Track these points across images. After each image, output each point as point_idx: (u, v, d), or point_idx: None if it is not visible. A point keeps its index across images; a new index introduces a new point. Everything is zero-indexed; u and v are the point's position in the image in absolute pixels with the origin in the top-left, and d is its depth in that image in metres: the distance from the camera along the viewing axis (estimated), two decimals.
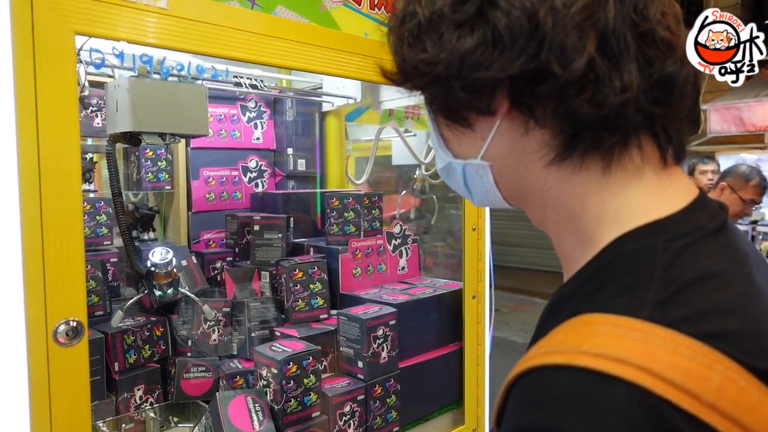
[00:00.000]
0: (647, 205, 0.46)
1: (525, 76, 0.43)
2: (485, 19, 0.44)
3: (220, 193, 1.89)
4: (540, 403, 0.38)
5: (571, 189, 0.48)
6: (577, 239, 0.50)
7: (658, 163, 0.48)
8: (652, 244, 0.43)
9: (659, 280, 0.40)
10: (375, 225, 1.64)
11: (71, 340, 0.84)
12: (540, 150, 0.48)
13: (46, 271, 0.82)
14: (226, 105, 1.89)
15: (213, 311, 1.40)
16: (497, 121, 0.48)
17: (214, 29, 1.02)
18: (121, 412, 1.31)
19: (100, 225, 1.60)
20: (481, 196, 0.56)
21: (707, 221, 0.45)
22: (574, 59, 0.42)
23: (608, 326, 0.39)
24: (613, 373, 0.36)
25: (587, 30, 0.42)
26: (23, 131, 0.79)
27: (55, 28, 0.82)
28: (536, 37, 0.42)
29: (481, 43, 0.44)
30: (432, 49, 0.47)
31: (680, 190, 0.48)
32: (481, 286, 1.60)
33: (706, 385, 0.35)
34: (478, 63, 0.44)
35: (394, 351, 1.38)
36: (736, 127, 5.06)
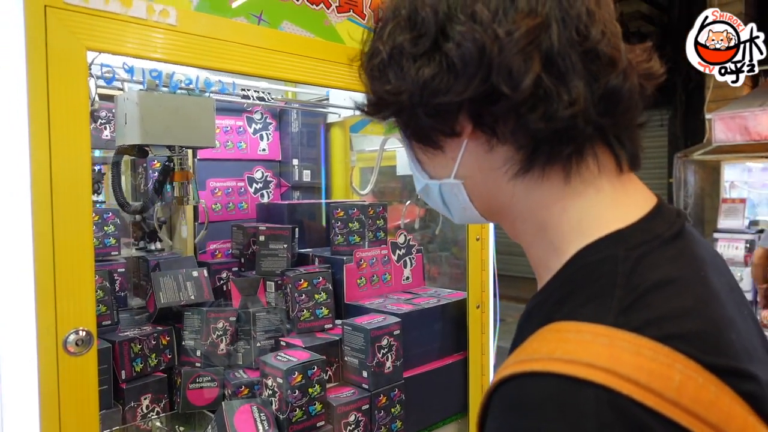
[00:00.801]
0: (607, 216, 0.49)
1: (480, 98, 0.48)
2: (440, 51, 0.48)
3: (226, 204, 1.91)
4: (520, 409, 0.40)
5: (537, 201, 0.52)
6: (545, 250, 0.53)
7: (614, 172, 0.51)
8: (613, 255, 0.46)
9: (621, 288, 0.43)
10: (379, 235, 1.65)
11: (81, 350, 0.86)
12: (504, 165, 0.51)
13: (56, 282, 0.83)
14: (232, 117, 1.92)
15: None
16: (464, 142, 0.53)
17: (222, 44, 1.04)
18: (128, 422, 1.33)
19: (108, 236, 1.62)
20: (459, 213, 0.60)
21: (665, 229, 0.48)
22: (522, 80, 0.46)
23: (577, 333, 0.42)
24: (583, 377, 0.38)
25: (531, 53, 0.46)
26: (36, 144, 0.81)
27: (67, 45, 0.84)
28: (484, 63, 0.46)
29: (438, 71, 0.48)
30: (395, 81, 0.51)
31: (638, 199, 0.51)
32: (485, 296, 1.61)
33: (668, 384, 0.38)
34: (437, 89, 0.49)
35: (398, 361, 1.38)
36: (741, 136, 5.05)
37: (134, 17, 0.93)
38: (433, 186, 0.59)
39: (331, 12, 1.23)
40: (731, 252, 4.74)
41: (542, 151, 0.49)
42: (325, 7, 1.22)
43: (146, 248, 1.83)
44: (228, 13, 1.08)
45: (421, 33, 0.49)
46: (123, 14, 0.92)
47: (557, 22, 0.47)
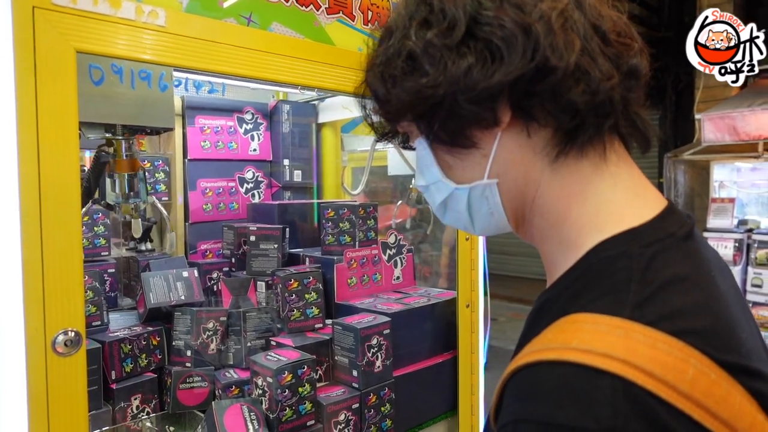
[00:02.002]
0: (622, 213, 0.51)
1: (526, 77, 0.48)
2: (476, 38, 0.49)
3: (216, 204, 1.91)
4: (534, 396, 0.41)
5: (561, 189, 0.53)
6: (560, 244, 0.54)
7: (629, 160, 0.54)
8: (629, 251, 0.47)
9: (636, 283, 0.44)
10: (370, 235, 1.66)
11: (69, 350, 0.86)
12: (543, 149, 0.52)
13: (45, 282, 0.84)
14: (223, 117, 1.92)
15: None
16: (498, 135, 0.53)
17: (212, 46, 1.05)
18: (118, 422, 1.33)
19: (98, 236, 1.62)
20: (485, 220, 0.59)
21: (677, 229, 0.50)
22: (568, 53, 0.48)
23: (593, 324, 0.43)
24: (599, 366, 0.39)
25: (569, 31, 0.49)
26: (24, 145, 0.82)
27: (55, 46, 0.84)
28: (530, 40, 0.48)
29: (480, 58, 0.49)
30: (433, 72, 0.50)
31: (650, 198, 0.53)
32: (475, 296, 1.62)
33: (682, 378, 0.39)
34: (481, 75, 0.49)
35: (388, 360, 1.39)
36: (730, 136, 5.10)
37: (123, 18, 0.94)
38: (461, 193, 0.58)
39: (321, 13, 1.24)
40: (721, 251, 4.78)
41: (587, 125, 0.50)
42: (314, 8, 1.23)
43: (136, 248, 1.83)
44: (218, 15, 1.08)
45: (451, 24, 0.50)
46: (112, 15, 0.92)
47: (578, 8, 0.50)
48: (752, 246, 4.56)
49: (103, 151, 1.30)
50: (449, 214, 0.61)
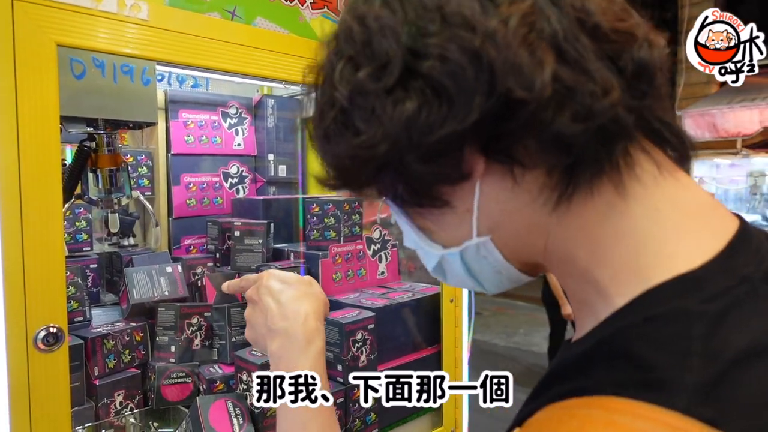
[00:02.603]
0: (671, 249, 0.37)
1: (489, 117, 0.36)
2: (417, 75, 0.37)
3: (200, 199, 1.90)
4: None
5: (578, 235, 0.41)
6: (589, 293, 0.41)
7: (671, 170, 0.41)
8: (685, 309, 0.34)
9: (697, 358, 0.31)
10: (355, 230, 1.66)
11: (51, 347, 0.85)
12: (539, 197, 0.40)
13: (26, 278, 0.83)
14: (207, 111, 1.91)
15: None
16: (476, 185, 0.41)
17: (195, 40, 1.04)
18: (102, 418, 1.32)
19: (80, 231, 1.60)
20: (494, 279, 0.47)
21: (753, 268, 0.36)
22: (537, 75, 0.35)
23: (633, 418, 0.30)
24: None
25: (536, 42, 0.36)
26: (4, 140, 0.81)
27: (35, 40, 0.84)
28: (484, 70, 0.36)
29: (423, 101, 0.37)
30: (366, 128, 0.39)
31: (714, 222, 0.40)
32: (459, 291, 1.63)
33: None
34: (428, 124, 0.37)
35: (373, 354, 1.40)
36: (709, 133, 5.20)
37: (105, 12, 0.93)
38: (451, 257, 0.46)
39: (306, 8, 1.24)
40: None
41: (588, 160, 0.38)
42: (299, 3, 1.22)
43: (119, 244, 1.81)
44: (201, 8, 1.08)
45: (384, 62, 0.38)
46: (93, 8, 0.91)
47: (550, 3, 0.37)
48: None
49: (85, 145, 1.29)
50: (451, 279, 0.50)
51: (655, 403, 0.30)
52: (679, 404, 0.30)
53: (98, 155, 1.32)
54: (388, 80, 0.38)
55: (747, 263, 0.36)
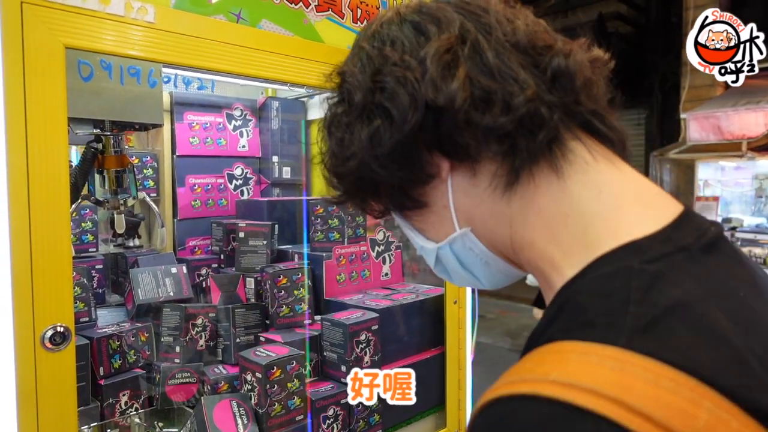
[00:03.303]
0: (616, 223, 0.44)
1: (428, 124, 0.47)
2: (372, 105, 0.50)
3: (205, 201, 1.91)
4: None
5: (534, 217, 0.48)
6: (551, 274, 0.48)
7: (608, 158, 0.49)
8: (627, 267, 0.40)
9: (636, 305, 0.37)
10: (359, 232, 1.67)
11: (58, 346, 0.86)
12: (492, 182, 0.49)
13: (34, 278, 0.84)
14: (211, 113, 1.92)
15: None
16: (448, 182, 0.51)
17: (201, 42, 1.05)
18: (107, 418, 1.33)
19: (86, 232, 1.61)
20: (485, 271, 0.55)
21: (693, 240, 0.42)
22: (448, 85, 0.46)
23: (581, 354, 0.36)
24: (583, 405, 0.32)
25: (454, 62, 0.47)
26: (13, 141, 0.82)
27: (44, 42, 0.85)
28: (410, 90, 0.47)
29: (377, 123, 0.49)
30: (338, 150, 0.52)
31: (658, 204, 0.46)
32: (462, 292, 1.64)
33: (692, 424, 0.32)
34: (383, 137, 0.49)
35: (376, 355, 1.41)
36: (714, 135, 5.18)
37: (112, 14, 0.94)
38: (444, 251, 0.55)
39: (310, 11, 1.25)
40: None
41: (520, 147, 0.46)
42: (303, 6, 1.23)
43: (124, 245, 1.82)
44: (207, 11, 1.09)
45: (352, 101, 0.51)
46: (101, 11, 0.92)
47: (477, 31, 0.48)
48: (736, 244, 4.64)
49: (92, 147, 1.30)
50: (454, 276, 0.58)
51: (600, 342, 0.36)
52: (620, 341, 0.35)
53: (105, 156, 1.33)
54: (353, 114, 0.51)
55: (686, 236, 0.42)
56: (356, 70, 0.51)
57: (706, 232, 0.44)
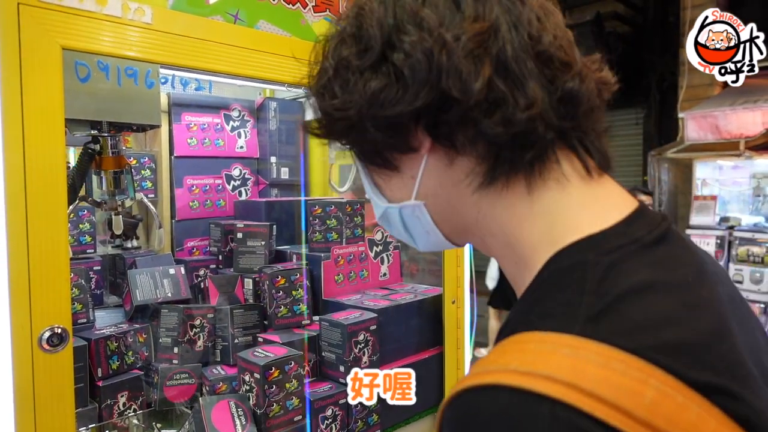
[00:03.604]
0: (577, 221, 0.47)
1: (432, 106, 0.46)
2: (387, 62, 0.47)
3: (203, 201, 1.91)
4: (465, 427, 0.38)
5: (503, 213, 0.50)
6: (516, 264, 0.51)
7: (583, 176, 0.49)
8: (583, 260, 0.43)
9: (590, 295, 0.40)
10: (357, 232, 1.67)
11: (56, 347, 0.86)
12: (467, 178, 0.50)
13: (31, 279, 0.84)
14: (209, 114, 1.92)
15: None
16: (423, 158, 0.51)
17: (198, 43, 1.05)
18: (105, 420, 1.32)
19: (83, 233, 1.61)
20: (423, 238, 0.58)
21: (644, 233, 0.45)
22: (472, 83, 0.45)
23: (537, 343, 0.39)
24: (538, 390, 0.35)
25: (481, 56, 0.45)
26: (9, 142, 0.82)
27: (41, 43, 0.84)
28: (434, 69, 0.45)
29: (387, 83, 0.47)
30: (341, 95, 0.50)
31: (614, 203, 0.49)
32: (461, 292, 1.64)
33: (639, 401, 0.34)
34: (386, 101, 0.47)
35: (375, 355, 1.41)
36: (712, 134, 5.18)
37: (109, 15, 0.94)
38: (392, 211, 0.57)
39: (308, 12, 1.25)
40: (703, 248, 4.84)
41: (504, 158, 0.47)
42: (301, 6, 1.23)
43: (122, 246, 1.82)
44: (204, 12, 1.09)
45: (368, 46, 0.48)
46: (97, 12, 0.92)
47: (508, 26, 0.46)
48: (733, 243, 4.64)
49: (90, 148, 1.30)
50: (392, 230, 0.60)
51: (556, 331, 0.38)
52: (575, 329, 0.38)
53: (102, 157, 1.33)
54: (365, 61, 0.48)
55: (639, 230, 0.45)
56: (381, 13, 0.48)
57: (658, 225, 0.47)
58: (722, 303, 0.44)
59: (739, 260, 4.54)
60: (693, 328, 0.39)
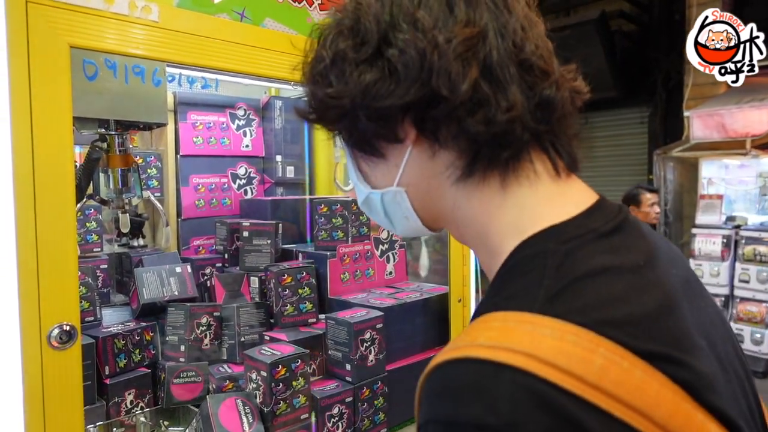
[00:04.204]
0: (542, 214, 0.51)
1: (421, 102, 0.50)
2: (382, 57, 0.50)
3: (209, 200, 1.91)
4: (440, 396, 0.42)
5: (477, 206, 0.54)
6: (488, 253, 0.55)
7: (552, 175, 0.53)
8: (544, 248, 0.47)
9: (549, 279, 0.44)
10: (363, 231, 1.67)
11: (64, 344, 0.86)
12: (446, 170, 0.54)
13: (40, 276, 0.84)
14: (215, 113, 1.92)
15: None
16: (408, 148, 0.54)
17: (205, 41, 1.05)
18: (112, 417, 1.33)
19: (90, 232, 1.62)
20: (402, 224, 0.61)
21: (601, 224, 0.50)
22: (460, 84, 0.48)
23: (502, 321, 0.43)
24: (501, 360, 0.39)
25: (469, 59, 0.49)
26: (18, 140, 0.82)
27: (49, 41, 0.85)
28: (425, 68, 0.49)
29: (380, 76, 0.50)
30: (337, 84, 0.52)
31: (576, 198, 0.53)
32: (467, 290, 1.64)
33: (589, 368, 0.39)
34: (379, 93, 0.50)
35: (381, 354, 1.40)
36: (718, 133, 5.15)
37: (116, 13, 0.94)
38: (374, 196, 0.60)
39: (314, 9, 1.25)
40: (709, 247, 4.84)
41: (482, 155, 0.51)
42: (307, 4, 1.23)
43: (129, 244, 1.83)
44: (210, 10, 1.09)
45: (364, 40, 0.51)
46: (105, 10, 0.93)
47: (495, 33, 0.50)
48: (740, 242, 4.61)
49: (97, 146, 1.31)
50: (373, 214, 0.64)
51: (518, 310, 0.43)
52: (534, 308, 0.42)
53: (110, 156, 1.34)
54: (361, 54, 0.51)
55: (596, 220, 0.50)
56: (378, 9, 0.51)
57: (614, 217, 0.51)
58: (673, 284, 0.48)
59: (745, 259, 4.52)
60: (639, 305, 0.44)
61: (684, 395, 0.41)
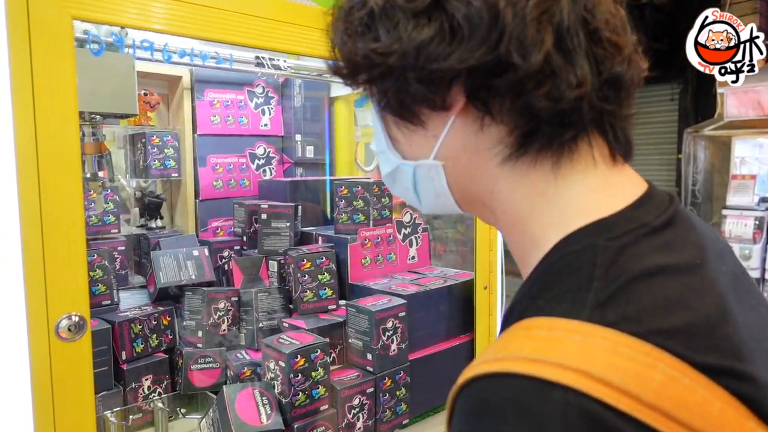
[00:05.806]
0: (589, 205, 0.46)
1: (484, 68, 0.42)
2: (443, 10, 0.43)
3: (227, 181, 1.87)
4: (481, 413, 0.37)
5: (522, 190, 0.48)
6: (524, 243, 0.49)
7: (608, 162, 0.48)
8: (593, 245, 0.42)
9: (599, 280, 0.40)
10: (384, 213, 1.61)
11: (74, 335, 0.82)
12: (494, 147, 0.47)
13: (46, 265, 0.80)
14: (233, 90, 1.86)
15: None
16: (451, 118, 0.47)
17: (221, 14, 0.98)
18: (129, 403, 1.31)
19: (107, 213, 1.58)
20: (431, 201, 0.55)
21: (653, 217, 0.45)
22: (533, 52, 0.42)
23: (547, 330, 0.38)
24: (550, 378, 0.35)
25: (544, 24, 0.42)
26: (21, 120, 0.77)
27: (51, 13, 0.79)
28: (496, 28, 0.41)
29: (439, 33, 0.43)
30: (386, 39, 0.45)
31: (626, 188, 0.47)
32: (493, 277, 1.57)
33: (647, 386, 0.35)
34: (436, 54, 0.43)
35: (403, 343, 1.35)
36: (754, 110, 4.94)
37: None
38: (406, 168, 0.53)
39: None
40: (740, 229, 4.67)
41: (542, 133, 0.45)
42: None
43: (147, 226, 1.80)
44: None
45: None
46: None
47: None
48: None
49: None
50: (397, 188, 0.57)
51: (566, 317, 0.38)
52: (583, 314, 0.38)
53: (84, 144, 1.38)
54: (418, 4, 0.43)
55: (648, 213, 0.45)
56: None
57: (666, 209, 0.46)
58: (724, 283, 0.44)
59: None
60: (699, 311, 0.40)
61: (747, 413, 0.37)
